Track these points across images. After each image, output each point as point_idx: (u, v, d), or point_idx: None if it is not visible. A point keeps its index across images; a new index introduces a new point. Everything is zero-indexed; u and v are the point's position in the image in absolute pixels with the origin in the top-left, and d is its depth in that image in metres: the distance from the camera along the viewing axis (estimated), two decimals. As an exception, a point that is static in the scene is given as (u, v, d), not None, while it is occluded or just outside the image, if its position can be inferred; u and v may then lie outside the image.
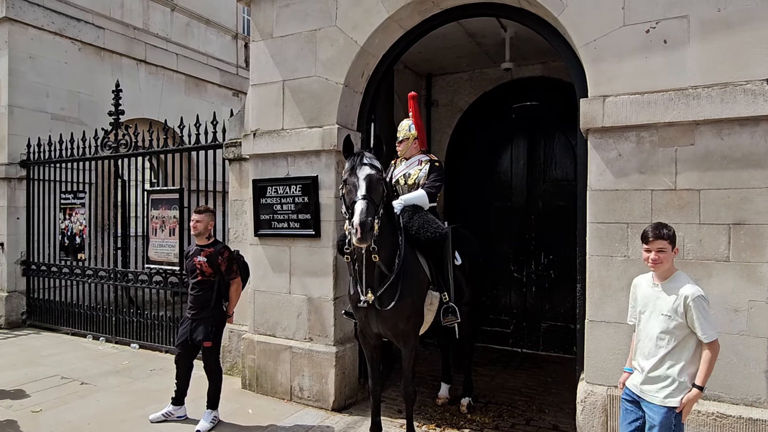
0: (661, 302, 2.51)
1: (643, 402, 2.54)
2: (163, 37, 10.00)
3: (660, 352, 2.48)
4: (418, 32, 4.45)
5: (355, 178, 3.09)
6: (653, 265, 2.51)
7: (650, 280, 2.62)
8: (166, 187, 7.08)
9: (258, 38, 4.86)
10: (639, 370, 2.59)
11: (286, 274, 4.68)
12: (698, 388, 2.43)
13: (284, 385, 4.63)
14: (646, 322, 2.58)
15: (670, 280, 2.52)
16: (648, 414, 2.51)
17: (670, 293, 2.49)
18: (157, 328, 6.20)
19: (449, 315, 3.68)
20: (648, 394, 2.51)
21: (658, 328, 2.50)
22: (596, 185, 3.46)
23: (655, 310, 2.53)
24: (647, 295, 2.60)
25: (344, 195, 3.16)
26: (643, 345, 2.58)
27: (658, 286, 2.55)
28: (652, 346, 2.51)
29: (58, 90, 8.07)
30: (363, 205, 2.94)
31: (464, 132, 6.80)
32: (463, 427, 4.05)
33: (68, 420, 4.13)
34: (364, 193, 3.01)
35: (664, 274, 2.53)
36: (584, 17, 3.50)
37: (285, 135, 4.64)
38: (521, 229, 6.38)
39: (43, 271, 7.37)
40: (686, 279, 2.54)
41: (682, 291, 2.45)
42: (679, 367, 2.45)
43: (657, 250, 2.47)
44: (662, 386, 2.47)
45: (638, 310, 2.66)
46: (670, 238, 2.49)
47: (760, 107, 3.00)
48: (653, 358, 2.50)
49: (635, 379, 2.61)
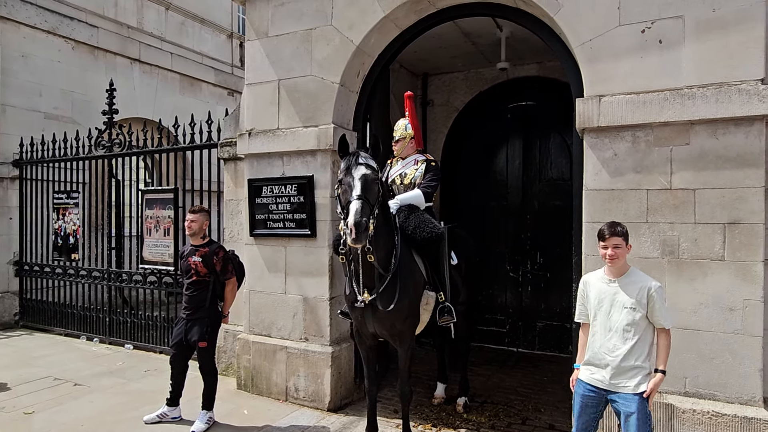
0: (622, 296, 2.61)
1: (616, 395, 2.62)
2: (157, 36, 9.95)
3: (628, 344, 2.58)
4: (414, 32, 4.45)
5: (350, 177, 3.08)
6: (610, 261, 2.63)
7: (603, 277, 2.72)
8: (160, 186, 7.04)
9: (253, 37, 4.83)
10: (602, 365, 2.65)
11: (281, 274, 4.66)
12: (662, 372, 2.60)
13: (280, 385, 4.61)
14: (606, 318, 2.66)
15: (627, 275, 2.66)
16: (621, 404, 2.60)
17: (630, 287, 2.61)
18: (152, 329, 6.16)
19: (445, 315, 3.67)
20: (620, 386, 2.60)
21: (623, 321, 2.60)
22: (592, 185, 3.46)
23: (615, 305, 2.63)
24: (603, 291, 2.69)
25: (339, 195, 3.15)
26: (605, 340, 2.65)
27: (615, 282, 2.66)
28: (618, 339, 2.60)
29: (52, 89, 8.01)
30: (358, 206, 2.93)
31: (460, 132, 6.81)
32: (460, 427, 4.05)
33: (61, 421, 4.10)
34: (359, 193, 2.99)
35: (619, 270, 2.66)
36: (580, 17, 3.51)
37: (280, 134, 4.62)
38: (517, 228, 6.39)
39: (36, 272, 7.31)
40: (643, 273, 2.71)
41: (645, 283, 2.60)
42: (645, 355, 2.60)
43: (613, 247, 2.61)
44: (633, 376, 2.58)
45: (592, 307, 2.73)
46: (624, 235, 2.63)
47: (754, 107, 3.02)
48: (620, 350, 2.59)
49: (600, 374, 2.66)
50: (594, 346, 2.69)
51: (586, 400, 2.71)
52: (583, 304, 2.81)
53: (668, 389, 3.23)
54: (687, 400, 3.18)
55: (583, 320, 2.82)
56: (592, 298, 2.74)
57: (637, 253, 3.31)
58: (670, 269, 3.24)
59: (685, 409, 3.15)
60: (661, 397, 3.23)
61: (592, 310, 2.73)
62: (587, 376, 2.72)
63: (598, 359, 2.67)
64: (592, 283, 2.77)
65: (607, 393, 2.64)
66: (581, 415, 2.74)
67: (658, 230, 3.27)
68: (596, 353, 2.67)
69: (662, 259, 3.26)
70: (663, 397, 3.23)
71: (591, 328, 2.74)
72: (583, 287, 2.83)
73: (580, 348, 2.87)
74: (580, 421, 2.74)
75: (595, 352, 2.68)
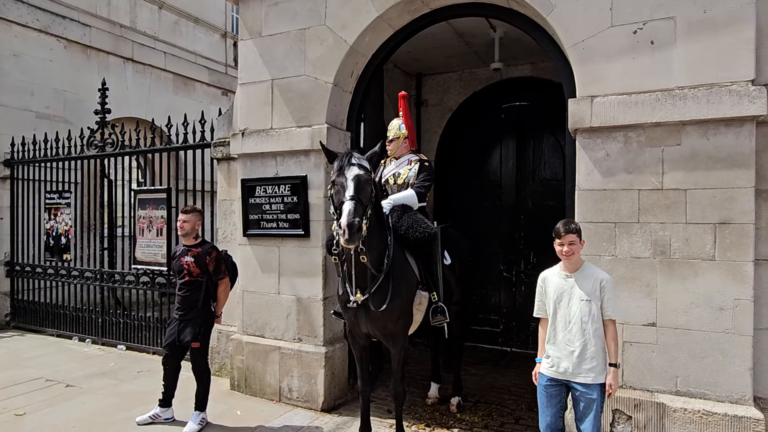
0: (578, 290, 2.76)
1: (578, 384, 2.73)
2: (150, 36, 9.90)
3: (586, 335, 2.71)
4: (408, 32, 4.45)
5: (343, 178, 3.07)
6: (567, 257, 2.78)
7: (560, 272, 2.86)
8: (153, 186, 7.00)
9: (246, 37, 4.82)
10: (563, 356, 2.76)
11: (275, 275, 4.65)
12: (616, 366, 2.75)
13: (273, 385, 4.60)
14: (565, 311, 2.78)
15: (582, 270, 2.81)
16: (580, 394, 2.73)
17: (585, 280, 2.77)
18: (144, 329, 6.13)
19: (438, 315, 3.68)
20: (581, 375, 2.72)
21: (580, 313, 2.73)
22: (584, 185, 3.47)
23: (573, 298, 2.77)
24: (561, 286, 2.82)
25: (332, 195, 3.14)
26: (565, 332, 2.76)
27: (571, 277, 2.81)
28: (577, 331, 2.73)
29: (43, 88, 7.95)
30: (351, 206, 2.93)
31: (454, 132, 6.81)
32: (453, 427, 4.06)
33: (53, 423, 4.07)
34: (352, 194, 2.99)
35: (575, 265, 2.81)
36: (572, 18, 3.52)
37: (274, 134, 4.61)
38: (511, 228, 6.40)
39: (27, 272, 7.26)
40: (596, 267, 2.88)
41: (598, 276, 2.78)
42: (601, 346, 2.73)
43: (569, 244, 2.75)
44: (593, 366, 2.70)
45: (552, 301, 2.84)
46: (578, 232, 2.78)
47: (745, 108, 3.04)
48: (578, 342, 2.72)
49: (562, 366, 2.76)
50: (555, 338, 2.81)
51: (551, 392, 2.83)
52: (541, 300, 2.93)
53: (660, 388, 3.26)
54: (678, 399, 3.20)
55: (542, 315, 2.94)
56: (550, 293, 2.86)
57: (628, 252, 3.34)
58: (661, 269, 3.26)
59: (676, 408, 3.17)
60: (653, 396, 3.25)
61: (551, 304, 2.85)
62: (549, 369, 2.82)
63: (559, 351, 2.78)
64: (550, 279, 2.89)
65: (569, 383, 2.77)
66: (547, 407, 2.85)
67: (650, 230, 3.29)
68: (557, 345, 2.79)
69: (654, 259, 3.28)
70: (654, 396, 3.25)
71: (551, 323, 2.85)
72: (541, 283, 2.94)
73: (540, 342, 2.96)
74: (547, 412, 2.85)
75: (556, 344, 2.80)
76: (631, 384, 3.33)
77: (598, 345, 2.72)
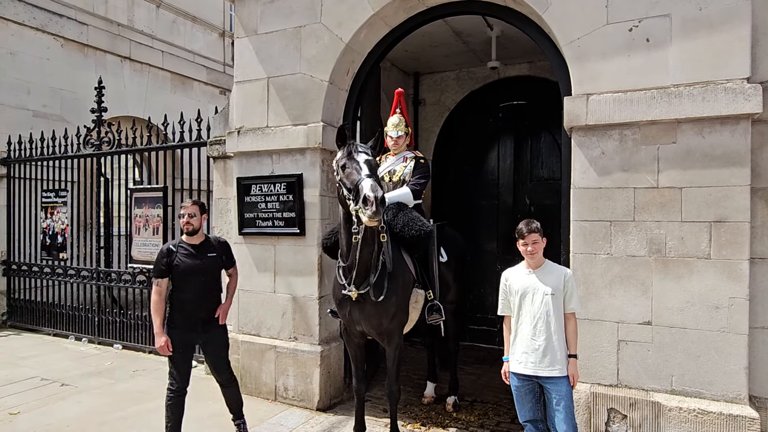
0: (543, 285, 2.83)
1: (545, 379, 2.79)
2: (148, 34, 9.88)
3: (550, 329, 2.78)
4: (404, 30, 4.43)
5: (354, 162, 3.08)
6: (531, 255, 2.86)
7: (523, 269, 2.93)
8: (149, 185, 6.99)
9: (242, 35, 4.81)
10: (530, 351, 2.80)
11: (270, 273, 4.64)
12: (575, 357, 2.84)
13: (269, 385, 4.59)
14: (530, 306, 2.84)
15: (544, 266, 2.90)
16: (550, 388, 2.79)
17: (549, 275, 2.85)
18: (141, 329, 6.11)
19: (434, 313, 3.66)
20: (547, 369, 2.77)
21: (544, 307, 2.80)
22: (580, 183, 3.46)
23: (537, 292, 2.83)
24: (525, 282, 2.88)
25: (343, 178, 3.09)
26: (530, 327, 2.81)
27: (533, 274, 2.88)
28: (542, 325, 2.79)
29: (40, 87, 7.94)
30: (372, 181, 2.93)
31: (451, 131, 6.80)
32: (449, 426, 4.05)
33: (47, 422, 4.05)
34: (368, 173, 3.01)
35: (538, 262, 2.89)
36: (568, 15, 3.51)
37: (270, 132, 4.60)
38: (508, 227, 6.37)
39: (24, 271, 7.24)
40: (557, 264, 2.99)
41: (561, 271, 2.89)
42: (563, 339, 2.81)
43: (532, 243, 2.84)
44: (557, 359, 2.77)
45: (517, 297, 2.88)
46: (539, 231, 2.87)
47: (740, 106, 3.03)
48: (543, 336, 2.78)
49: (530, 361, 2.80)
50: (522, 334, 2.84)
51: (522, 390, 2.87)
52: (505, 297, 2.97)
53: (655, 387, 3.25)
54: (673, 398, 3.19)
55: (507, 313, 2.97)
56: (515, 290, 2.90)
57: (624, 251, 3.33)
58: (656, 268, 3.25)
59: (671, 407, 3.16)
60: (648, 395, 3.24)
61: (515, 301, 2.89)
62: (517, 366, 2.86)
63: (525, 347, 2.82)
64: (514, 277, 2.95)
65: (539, 379, 2.82)
66: (522, 404, 2.91)
67: (645, 229, 3.28)
68: (524, 340, 2.83)
69: (649, 258, 3.27)
70: (650, 395, 3.24)
71: (515, 319, 2.89)
72: (505, 282, 2.99)
73: (506, 341, 2.98)
74: (523, 409, 2.91)
75: (523, 339, 2.83)
76: (626, 383, 3.32)
77: (560, 339, 2.79)
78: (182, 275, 3.41)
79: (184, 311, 3.43)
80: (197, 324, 3.45)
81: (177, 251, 3.45)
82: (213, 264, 3.54)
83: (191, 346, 3.54)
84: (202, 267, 3.46)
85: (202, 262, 3.46)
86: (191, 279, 3.41)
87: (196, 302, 3.43)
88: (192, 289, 3.41)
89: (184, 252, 3.44)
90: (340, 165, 3.15)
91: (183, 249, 3.46)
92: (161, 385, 4.90)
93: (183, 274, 3.41)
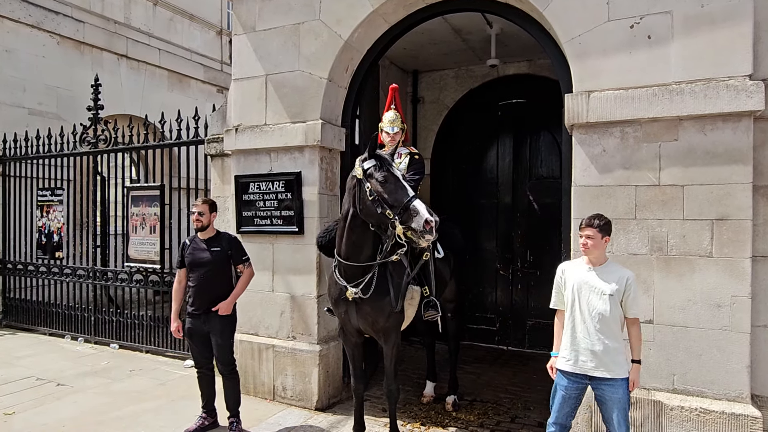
0: (602, 284, 2.70)
1: (598, 380, 2.67)
2: (145, 32, 9.81)
3: (606, 330, 2.66)
4: (403, 27, 4.41)
5: (395, 178, 3.09)
6: (583, 249, 2.75)
7: (583, 265, 2.80)
8: (146, 183, 6.94)
9: (240, 32, 4.77)
10: (582, 351, 2.69)
11: (268, 272, 4.60)
12: (638, 363, 2.74)
13: (267, 384, 4.55)
14: (586, 303, 2.71)
15: (605, 265, 2.77)
16: (603, 390, 2.67)
17: (609, 275, 2.72)
18: (138, 328, 6.07)
19: (430, 309, 3.62)
20: (600, 370, 2.65)
21: (602, 307, 2.67)
22: (581, 181, 3.44)
23: (594, 291, 2.71)
24: (583, 278, 2.76)
25: (382, 193, 3.04)
26: (584, 325, 2.71)
27: (593, 271, 2.75)
28: (597, 325, 2.67)
29: (36, 84, 7.88)
30: (424, 205, 2.98)
31: (450, 129, 6.78)
32: (449, 426, 4.02)
33: (42, 422, 4.01)
34: (414, 193, 3.06)
35: (598, 260, 2.76)
36: (569, 12, 3.48)
37: (268, 130, 4.56)
38: (507, 226, 6.37)
39: (19, 270, 7.18)
40: (620, 265, 2.87)
41: (623, 273, 2.74)
42: (619, 341, 2.69)
43: (585, 237, 2.72)
44: (611, 361, 2.65)
45: (570, 294, 2.77)
46: (599, 227, 2.70)
47: (742, 103, 3.01)
48: (596, 337, 2.66)
49: (580, 360, 2.69)
50: (575, 332, 2.73)
51: (570, 391, 2.76)
52: (559, 291, 2.87)
53: (656, 386, 3.23)
54: (675, 397, 3.17)
55: (559, 307, 2.87)
56: (570, 284, 2.79)
57: (625, 249, 3.31)
58: (658, 266, 3.23)
59: (673, 406, 3.14)
60: (650, 394, 3.22)
61: (570, 297, 2.78)
62: (566, 364, 2.75)
63: (577, 345, 2.71)
64: (571, 270, 2.83)
65: (591, 380, 2.70)
66: (563, 406, 2.79)
67: (647, 226, 3.26)
68: (577, 339, 2.72)
69: (651, 256, 3.25)
70: (651, 394, 3.22)
71: (569, 315, 2.78)
72: (560, 274, 2.88)
73: (556, 336, 2.90)
74: (561, 411, 2.80)
75: (575, 338, 2.73)
76: (627, 382, 3.29)
77: (618, 340, 2.67)
78: (190, 266, 3.81)
79: (191, 299, 3.80)
80: (200, 311, 3.74)
81: (190, 245, 3.86)
82: (217, 258, 3.77)
83: (199, 332, 3.79)
84: (205, 260, 3.75)
85: (207, 256, 3.76)
86: (196, 270, 3.77)
87: (198, 292, 3.75)
88: (196, 280, 3.76)
89: (195, 246, 3.82)
90: (379, 179, 3.08)
91: (195, 243, 3.84)
92: (158, 384, 4.90)
93: (190, 265, 3.80)
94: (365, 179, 3.13)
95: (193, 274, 3.77)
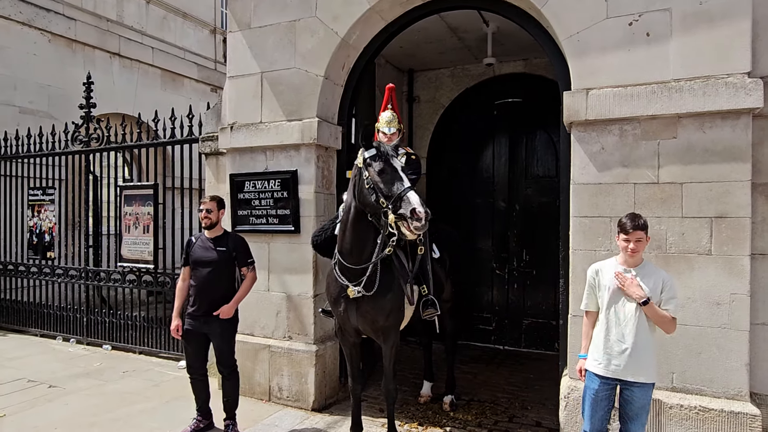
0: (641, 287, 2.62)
1: (629, 384, 2.62)
2: (138, 30, 9.73)
3: (641, 333, 2.60)
4: (400, 24, 4.37)
5: (393, 169, 3.02)
6: (632, 254, 2.64)
7: (618, 266, 2.71)
8: (140, 182, 6.87)
9: (235, 29, 4.72)
10: (615, 354, 2.62)
11: (264, 272, 4.54)
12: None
13: (263, 385, 4.50)
14: (621, 306, 2.64)
15: (642, 266, 2.69)
16: (635, 393, 2.62)
17: (647, 277, 2.64)
18: (131, 329, 6.00)
19: (429, 308, 3.59)
20: (634, 374, 2.60)
21: (638, 310, 2.60)
22: (579, 179, 3.43)
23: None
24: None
25: (378, 183, 3.00)
26: (618, 328, 2.64)
27: (631, 271, 2.66)
28: (632, 328, 2.60)
29: (27, 82, 7.79)
30: (417, 195, 2.91)
31: (446, 128, 6.76)
32: (446, 425, 3.99)
33: (34, 424, 3.94)
34: (410, 184, 2.97)
35: (636, 261, 2.68)
36: (567, 9, 3.47)
37: (263, 128, 4.51)
38: (503, 226, 6.36)
39: (9, 271, 7.08)
40: (655, 265, 2.80)
41: (660, 274, 2.68)
42: (653, 344, 2.65)
43: (636, 241, 2.61)
44: (645, 365, 2.61)
45: (608, 294, 2.68)
46: (646, 228, 2.64)
47: (741, 100, 3.00)
48: (632, 339, 2.59)
49: (612, 364, 2.63)
50: (608, 334, 2.66)
51: (601, 394, 2.67)
52: (592, 292, 2.78)
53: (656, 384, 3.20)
54: (674, 395, 3.16)
55: (591, 308, 2.78)
56: (605, 285, 2.69)
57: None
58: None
59: (672, 404, 3.13)
60: (649, 393, 3.21)
61: (606, 299, 2.68)
62: (597, 367, 2.67)
63: (610, 348, 2.64)
64: (606, 272, 2.72)
65: (621, 383, 2.64)
66: (596, 410, 2.69)
67: (646, 224, 3.24)
68: (609, 342, 2.65)
69: (650, 254, 3.21)
70: (650, 393, 3.20)
71: (603, 317, 2.70)
72: (593, 275, 2.78)
73: (584, 337, 2.83)
74: (594, 417, 2.70)
75: (608, 340, 2.65)
76: (626, 380, 3.28)
77: (652, 344, 2.63)
78: (193, 265, 3.72)
79: (191, 299, 3.70)
80: (200, 313, 3.65)
81: (195, 242, 3.77)
82: (221, 258, 3.68)
83: (198, 333, 3.68)
84: (209, 259, 3.66)
85: (212, 255, 3.67)
86: (199, 269, 3.68)
87: (199, 292, 3.65)
88: (198, 279, 3.67)
89: (200, 244, 3.74)
90: (377, 169, 3.03)
91: (201, 242, 3.76)
92: (152, 386, 4.84)
93: (194, 264, 3.71)
94: (364, 168, 3.10)
95: (196, 273, 3.68)
